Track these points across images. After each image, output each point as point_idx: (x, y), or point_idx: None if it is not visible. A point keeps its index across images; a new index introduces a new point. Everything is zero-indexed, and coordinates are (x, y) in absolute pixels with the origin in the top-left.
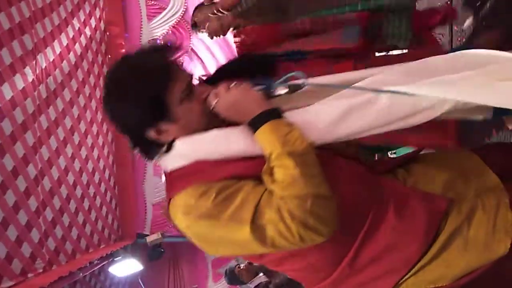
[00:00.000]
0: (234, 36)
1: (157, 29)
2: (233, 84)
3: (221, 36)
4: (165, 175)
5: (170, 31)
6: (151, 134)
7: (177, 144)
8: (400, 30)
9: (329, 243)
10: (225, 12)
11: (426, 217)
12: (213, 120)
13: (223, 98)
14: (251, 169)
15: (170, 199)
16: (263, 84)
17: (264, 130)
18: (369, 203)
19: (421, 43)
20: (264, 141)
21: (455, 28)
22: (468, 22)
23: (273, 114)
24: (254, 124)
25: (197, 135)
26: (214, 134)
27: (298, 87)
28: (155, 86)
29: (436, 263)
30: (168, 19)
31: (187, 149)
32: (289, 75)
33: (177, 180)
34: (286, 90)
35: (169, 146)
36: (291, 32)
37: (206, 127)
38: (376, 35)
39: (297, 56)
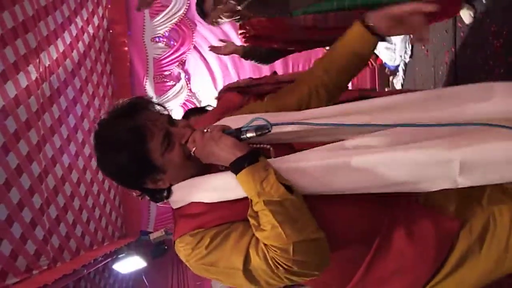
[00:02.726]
0: (240, 28)
1: (159, 27)
2: (206, 130)
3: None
4: (173, 213)
5: (172, 29)
6: (149, 185)
7: (174, 190)
8: None
9: (336, 264)
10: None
11: (437, 241)
12: (200, 161)
13: (199, 146)
14: (241, 212)
15: (174, 240)
16: (233, 130)
17: (241, 178)
18: (373, 231)
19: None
20: (244, 187)
21: (458, 24)
22: (470, 17)
23: (249, 160)
24: (233, 171)
25: (191, 180)
26: (205, 180)
27: (264, 131)
28: (132, 153)
29: (448, 281)
30: (170, 17)
31: (181, 194)
32: (253, 119)
33: (178, 221)
34: (253, 134)
35: (169, 191)
36: (296, 27)
37: (197, 169)
38: None
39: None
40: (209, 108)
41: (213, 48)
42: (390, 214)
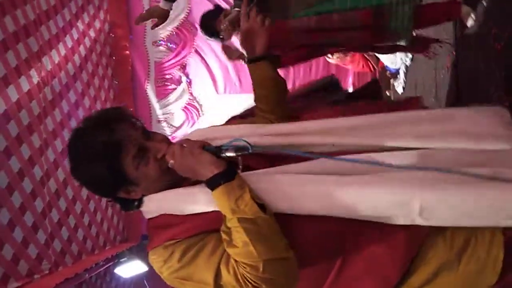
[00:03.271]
0: None
1: (161, 31)
2: (185, 144)
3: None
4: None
5: (174, 33)
6: (121, 194)
7: (145, 201)
8: (402, 23)
9: (308, 273)
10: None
11: (405, 238)
12: (175, 175)
13: (178, 160)
14: (214, 222)
15: (148, 251)
16: (212, 147)
17: (217, 194)
18: (343, 239)
19: (420, 45)
20: (218, 204)
21: (459, 27)
22: (472, 19)
23: (225, 176)
24: (209, 186)
25: (162, 193)
26: (177, 193)
27: (244, 151)
28: (104, 164)
29: None
30: (171, 20)
31: (153, 206)
32: (233, 141)
33: (151, 232)
34: (233, 154)
35: (139, 202)
36: (298, 30)
37: (171, 182)
38: (380, 31)
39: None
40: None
41: (223, 48)
42: (357, 223)
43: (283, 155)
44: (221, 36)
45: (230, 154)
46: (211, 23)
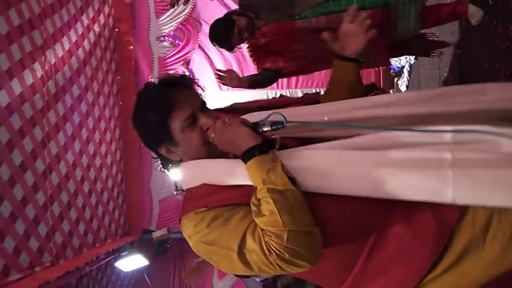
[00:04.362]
0: (248, 42)
1: (165, 26)
2: (227, 120)
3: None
4: (185, 193)
5: (178, 28)
6: (163, 151)
7: (181, 166)
8: (409, 23)
9: (338, 254)
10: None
11: (436, 229)
12: (214, 150)
13: (219, 132)
14: (246, 196)
15: (180, 217)
16: (250, 123)
17: (250, 165)
18: (372, 222)
19: (425, 47)
20: (251, 174)
21: (464, 26)
22: (478, 18)
23: (260, 149)
24: (244, 159)
25: (199, 161)
26: (216, 163)
27: (279, 125)
28: (157, 115)
29: (449, 274)
30: (176, 16)
31: (190, 173)
32: (270, 114)
33: (186, 201)
34: (268, 128)
35: (176, 165)
36: (307, 30)
37: (209, 154)
38: (388, 31)
39: None
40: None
41: (219, 77)
42: (389, 205)
43: (319, 138)
44: (232, 48)
45: (266, 128)
46: (227, 39)
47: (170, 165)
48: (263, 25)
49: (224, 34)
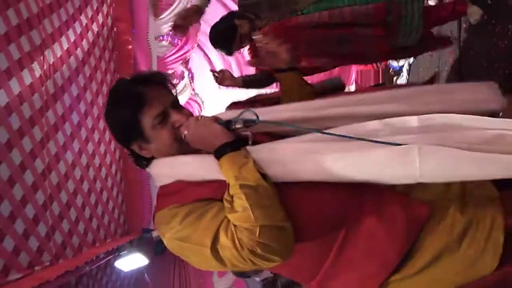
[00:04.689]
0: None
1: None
2: (200, 118)
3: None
4: (158, 190)
5: None
6: (135, 148)
7: (153, 164)
8: (412, 21)
9: (308, 248)
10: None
11: (406, 225)
12: (186, 146)
13: (192, 129)
14: (219, 191)
15: (154, 214)
16: (223, 121)
17: (223, 162)
18: (343, 214)
19: (427, 44)
20: (223, 171)
21: (463, 25)
22: (477, 17)
23: (232, 146)
24: (216, 155)
25: (171, 158)
26: (189, 160)
27: (252, 123)
28: (127, 111)
29: (422, 275)
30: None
31: (162, 170)
32: (243, 111)
33: (160, 197)
34: (241, 125)
35: (148, 162)
36: (310, 25)
37: (180, 151)
38: (392, 28)
39: None
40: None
41: (214, 77)
42: (360, 197)
43: (291, 133)
44: (231, 53)
45: (238, 126)
46: (228, 45)
47: (144, 162)
48: (263, 25)
49: (225, 40)
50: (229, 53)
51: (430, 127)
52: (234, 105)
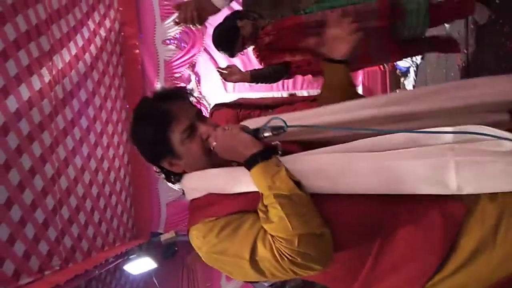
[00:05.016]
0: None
1: (170, 29)
2: (227, 127)
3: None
4: (188, 204)
5: (183, 31)
6: (165, 165)
7: (184, 177)
8: (418, 17)
9: (345, 257)
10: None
11: (444, 226)
12: (216, 158)
13: (220, 140)
14: (253, 202)
15: (188, 229)
16: (251, 129)
17: (254, 173)
18: (378, 223)
19: (435, 44)
20: (256, 181)
21: (471, 25)
22: (484, 17)
23: (262, 156)
24: (247, 165)
25: (202, 172)
26: (220, 172)
27: (280, 130)
28: (155, 129)
29: (459, 274)
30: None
31: (194, 184)
32: (271, 119)
33: (193, 211)
34: (269, 134)
35: (179, 177)
36: (313, 24)
37: (211, 164)
38: (398, 25)
39: None
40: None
41: (220, 74)
42: (395, 205)
43: (319, 142)
44: (234, 55)
45: (267, 134)
46: (230, 47)
47: (174, 177)
48: (267, 24)
49: (227, 42)
50: (231, 55)
51: (464, 139)
52: (217, 107)
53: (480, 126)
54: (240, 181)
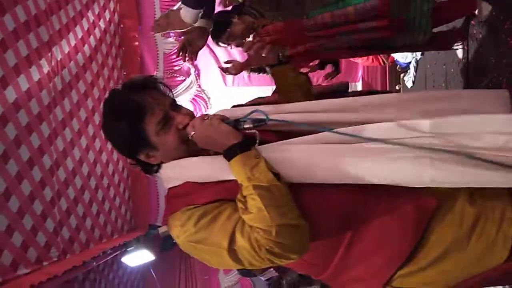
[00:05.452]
0: (254, 38)
1: None
2: (206, 117)
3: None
4: (167, 192)
5: None
6: (142, 157)
7: (162, 168)
8: (421, 23)
9: (319, 244)
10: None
11: (415, 216)
12: (193, 147)
13: (199, 130)
14: (231, 191)
15: (167, 217)
16: (231, 120)
17: (234, 163)
18: (353, 211)
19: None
20: (235, 172)
21: (472, 22)
22: (485, 13)
23: (242, 147)
24: (226, 156)
25: (179, 161)
26: (198, 161)
27: (261, 123)
28: (128, 123)
29: (431, 269)
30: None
31: (171, 173)
32: (252, 111)
33: (170, 200)
34: (250, 125)
35: (157, 168)
36: (313, 28)
37: (188, 152)
38: (397, 23)
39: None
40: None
41: (223, 70)
42: (369, 194)
43: (297, 131)
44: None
45: (247, 125)
46: (215, 36)
47: (152, 169)
48: (268, 23)
49: (213, 31)
50: (216, 43)
51: (442, 131)
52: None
53: (458, 117)
54: (217, 169)
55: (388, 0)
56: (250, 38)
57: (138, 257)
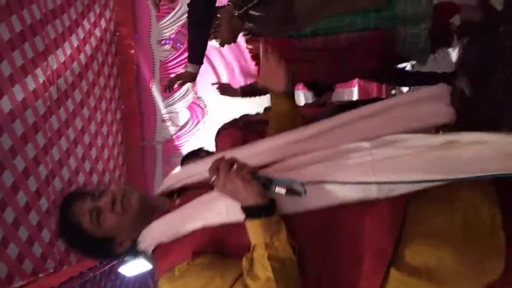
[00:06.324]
0: (246, 42)
1: (166, 29)
2: (234, 169)
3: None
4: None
5: (179, 31)
6: (118, 250)
7: (139, 242)
8: (417, 45)
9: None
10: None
11: (390, 208)
12: (142, 210)
13: (222, 179)
14: (202, 241)
15: (157, 280)
16: (263, 177)
17: (253, 225)
18: (324, 231)
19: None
20: (252, 232)
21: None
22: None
23: (268, 210)
24: (247, 214)
25: (153, 223)
26: (161, 222)
27: (295, 194)
28: (78, 242)
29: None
30: (177, 19)
31: (148, 239)
32: (292, 180)
33: (155, 265)
34: (282, 193)
35: (135, 246)
36: (304, 49)
37: (141, 216)
38: (392, 53)
39: None
40: (205, 149)
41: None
42: (339, 212)
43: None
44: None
45: (279, 191)
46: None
47: (133, 251)
48: (259, 34)
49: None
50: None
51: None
52: (224, 127)
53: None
54: (182, 221)
55: (382, 33)
56: (243, 41)
57: (136, 267)
